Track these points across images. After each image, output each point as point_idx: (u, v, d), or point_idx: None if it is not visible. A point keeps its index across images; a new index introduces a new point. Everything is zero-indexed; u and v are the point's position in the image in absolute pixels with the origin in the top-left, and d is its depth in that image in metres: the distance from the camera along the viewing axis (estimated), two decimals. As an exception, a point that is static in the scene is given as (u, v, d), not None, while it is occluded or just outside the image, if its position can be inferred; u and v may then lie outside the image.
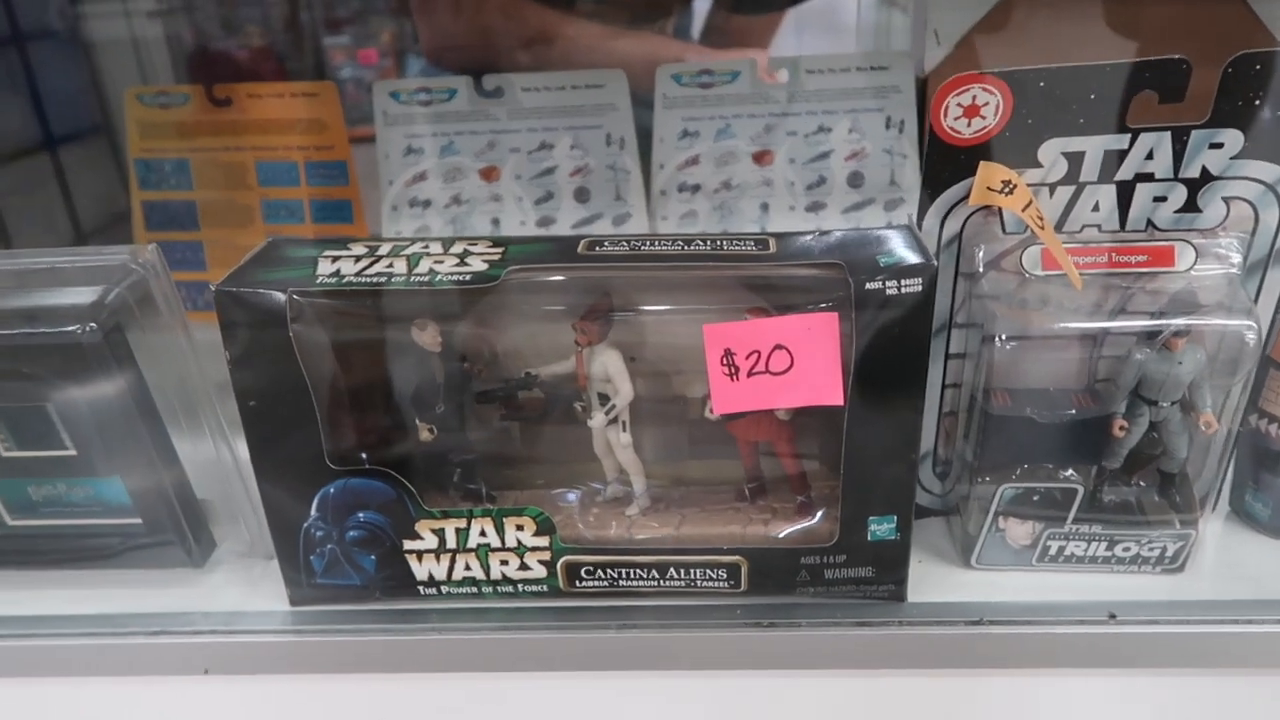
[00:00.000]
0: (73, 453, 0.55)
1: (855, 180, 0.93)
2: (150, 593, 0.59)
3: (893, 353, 0.48)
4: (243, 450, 0.54)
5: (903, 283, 0.47)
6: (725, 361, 0.49)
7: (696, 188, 0.93)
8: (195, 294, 1.01)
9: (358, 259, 0.52)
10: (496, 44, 1.04)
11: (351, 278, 0.50)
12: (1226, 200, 0.50)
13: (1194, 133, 0.48)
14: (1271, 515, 0.59)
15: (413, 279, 0.50)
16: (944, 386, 0.58)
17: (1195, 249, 0.51)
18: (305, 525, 0.55)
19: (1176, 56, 0.46)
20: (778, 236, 0.52)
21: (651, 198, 0.93)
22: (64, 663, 0.57)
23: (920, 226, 0.52)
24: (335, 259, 0.52)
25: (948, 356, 0.56)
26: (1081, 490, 0.54)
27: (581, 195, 0.93)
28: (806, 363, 0.49)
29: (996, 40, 0.84)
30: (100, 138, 1.00)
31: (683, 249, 0.51)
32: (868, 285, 0.47)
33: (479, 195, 0.93)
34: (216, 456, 0.58)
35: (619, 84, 0.90)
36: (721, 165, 0.92)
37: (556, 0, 1.07)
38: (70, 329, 0.50)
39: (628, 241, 0.52)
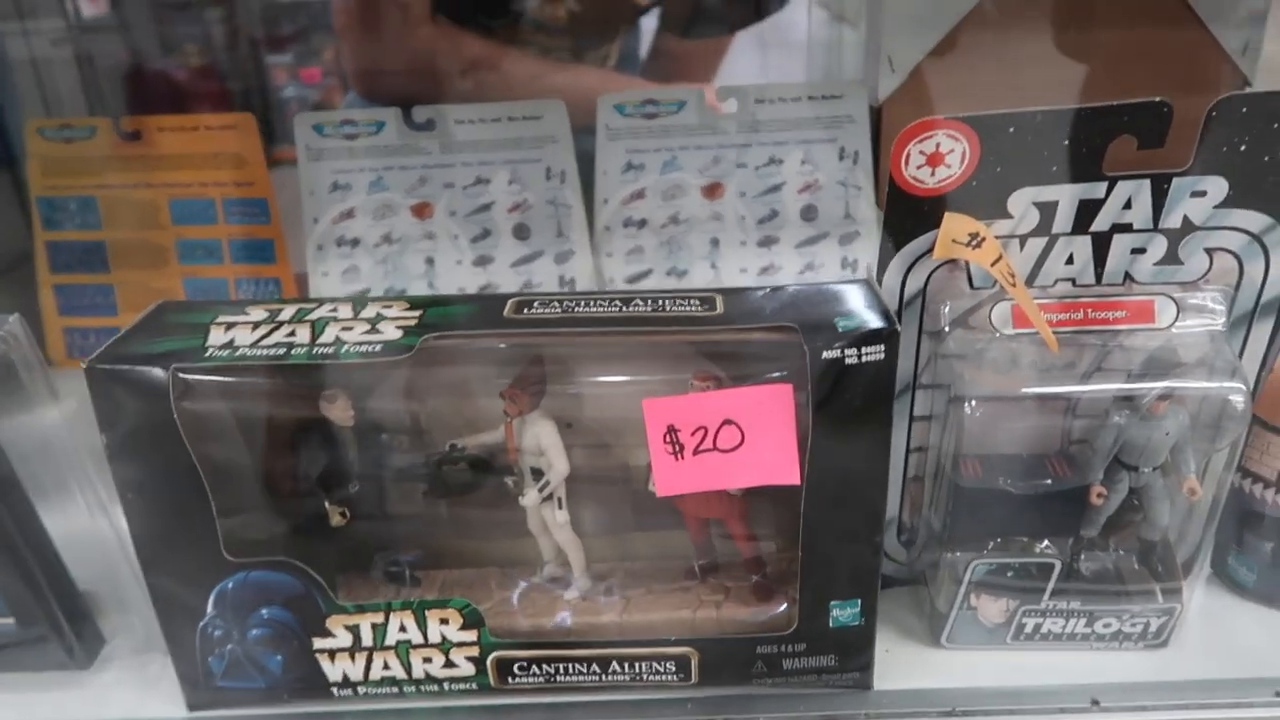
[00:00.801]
0: (-70, 547, 0.48)
1: (809, 214, 0.89)
2: (32, 699, 0.52)
3: (853, 425, 0.44)
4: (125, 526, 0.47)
5: (863, 350, 0.42)
6: (669, 439, 0.44)
7: (643, 222, 0.88)
8: (103, 339, 0.94)
9: (255, 325, 0.46)
10: (428, 73, 0.99)
11: (246, 349, 0.44)
12: (1209, 251, 0.46)
13: (1175, 180, 0.44)
14: (1257, 580, 0.55)
15: (316, 350, 0.44)
16: (908, 450, 0.53)
17: (1176, 304, 0.47)
18: (202, 624, 0.48)
19: (1157, 99, 0.42)
20: (725, 294, 0.48)
21: (595, 233, 0.88)
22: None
23: (880, 281, 0.48)
24: (229, 327, 0.46)
25: (912, 419, 0.52)
26: (1059, 564, 0.50)
27: (521, 232, 0.88)
28: (758, 439, 0.44)
29: (952, 66, 0.81)
30: (0, 172, 0.93)
31: (620, 310, 0.46)
32: (824, 354, 0.42)
33: (411, 233, 0.87)
34: (96, 536, 0.52)
35: (558, 115, 0.85)
36: (669, 199, 0.88)
37: (492, 31, 1.02)
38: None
39: (560, 302, 0.47)
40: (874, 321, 0.43)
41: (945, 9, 0.79)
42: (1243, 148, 0.43)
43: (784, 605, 0.50)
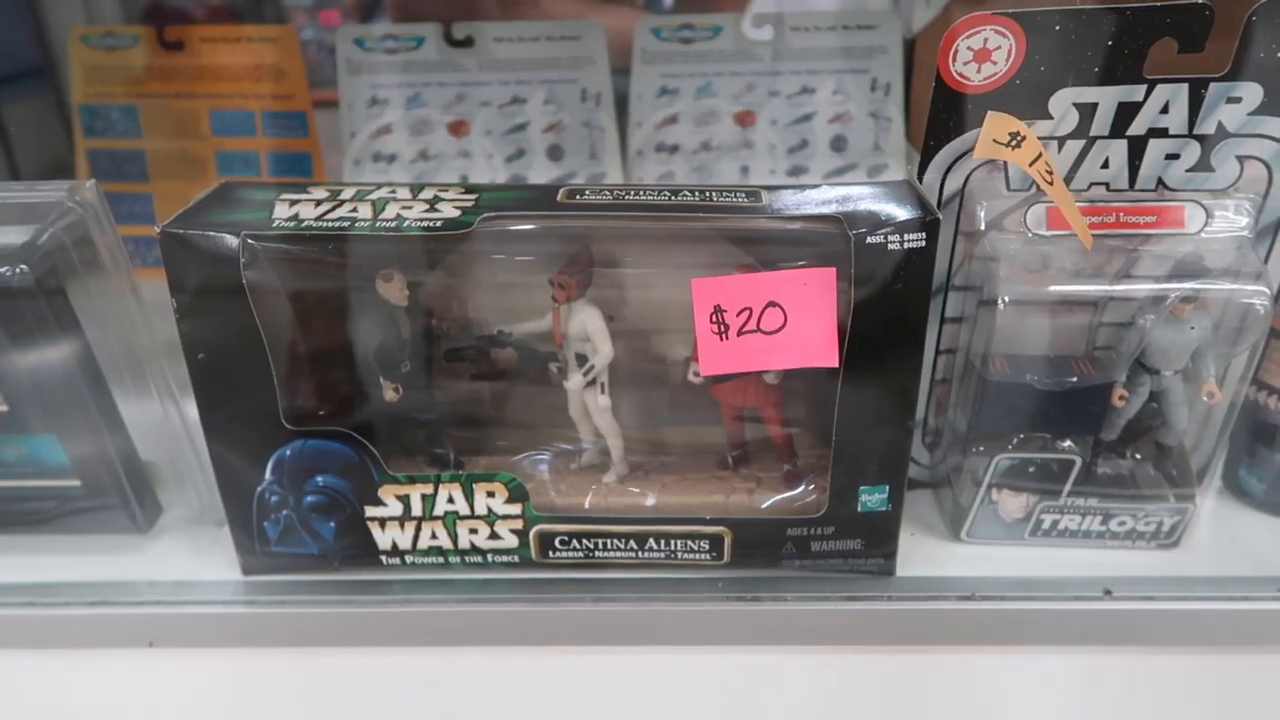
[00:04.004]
0: (4, 408, 0.51)
1: (839, 144, 0.90)
2: (91, 560, 0.55)
3: (892, 312, 0.46)
4: (192, 412, 0.50)
5: (906, 237, 0.44)
6: (715, 319, 0.46)
7: (675, 148, 0.90)
8: (144, 249, 0.95)
9: (318, 203, 0.48)
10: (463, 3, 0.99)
11: (311, 222, 0.46)
12: (1240, 159, 0.48)
13: (1212, 85, 0.46)
14: (1268, 490, 0.57)
15: (378, 225, 0.46)
16: (938, 353, 0.55)
17: (1206, 210, 0.49)
18: (259, 490, 0.51)
19: (1200, 1, 0.43)
20: (769, 189, 0.49)
21: (628, 157, 0.89)
22: (-4, 634, 0.53)
23: (920, 180, 0.49)
24: (293, 203, 0.48)
25: (943, 321, 0.54)
26: (1079, 462, 0.52)
27: (555, 153, 0.89)
28: (801, 321, 0.46)
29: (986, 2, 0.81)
30: (42, 80, 0.94)
31: (669, 199, 0.48)
32: (868, 240, 0.44)
33: (447, 151, 0.89)
34: (164, 417, 0.54)
35: (596, 37, 0.86)
36: (701, 125, 0.89)
37: None
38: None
39: (610, 191, 0.49)
40: (915, 212, 0.44)
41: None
42: (1280, 55, 0.45)
43: (814, 492, 0.52)
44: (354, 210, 0.47)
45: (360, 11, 1.50)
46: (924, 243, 0.44)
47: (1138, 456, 0.54)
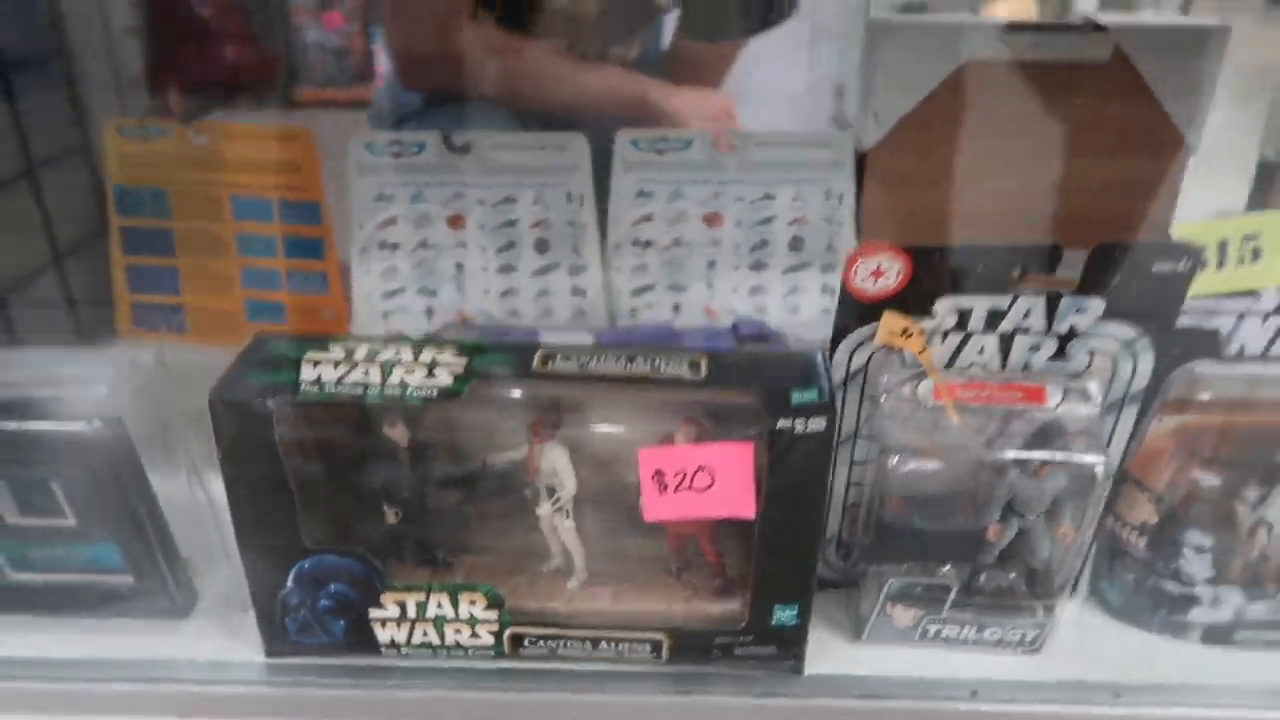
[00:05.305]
0: (72, 523, 0.62)
1: (796, 244, 1.01)
2: (137, 640, 0.66)
3: (798, 475, 0.57)
4: (217, 492, 0.60)
5: (809, 421, 0.55)
6: (656, 479, 0.57)
7: (649, 243, 1.00)
8: (169, 315, 1.06)
9: (336, 364, 0.59)
10: (464, 66, 1.09)
11: (331, 387, 0.57)
12: (1090, 352, 0.58)
13: (1064, 299, 0.56)
14: (1122, 603, 0.68)
15: (386, 391, 0.57)
16: (849, 484, 0.66)
17: (1063, 389, 0.59)
18: (282, 593, 0.62)
19: (1051, 243, 0.54)
20: (711, 356, 0.60)
21: (607, 250, 1.00)
22: (56, 704, 0.64)
23: (831, 356, 0.60)
24: (316, 363, 0.58)
25: (853, 460, 0.65)
26: (957, 585, 0.63)
27: (541, 246, 1.00)
28: (725, 482, 0.57)
29: (928, 123, 0.92)
30: (80, 163, 1.04)
31: (625, 368, 0.58)
32: (780, 423, 0.55)
33: (445, 241, 1.00)
34: (192, 500, 0.65)
35: (580, 146, 0.96)
36: (673, 224, 1.00)
37: (525, 26, 1.11)
38: (78, 426, 0.56)
39: (577, 358, 0.59)
40: (818, 398, 0.55)
41: (925, 77, 0.91)
42: (1116, 279, 0.55)
43: (739, 604, 0.63)
44: (366, 374, 0.58)
45: (363, 19, 1.58)
46: (823, 427, 0.55)
47: (1011, 576, 0.66)
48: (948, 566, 0.64)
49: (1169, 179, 0.97)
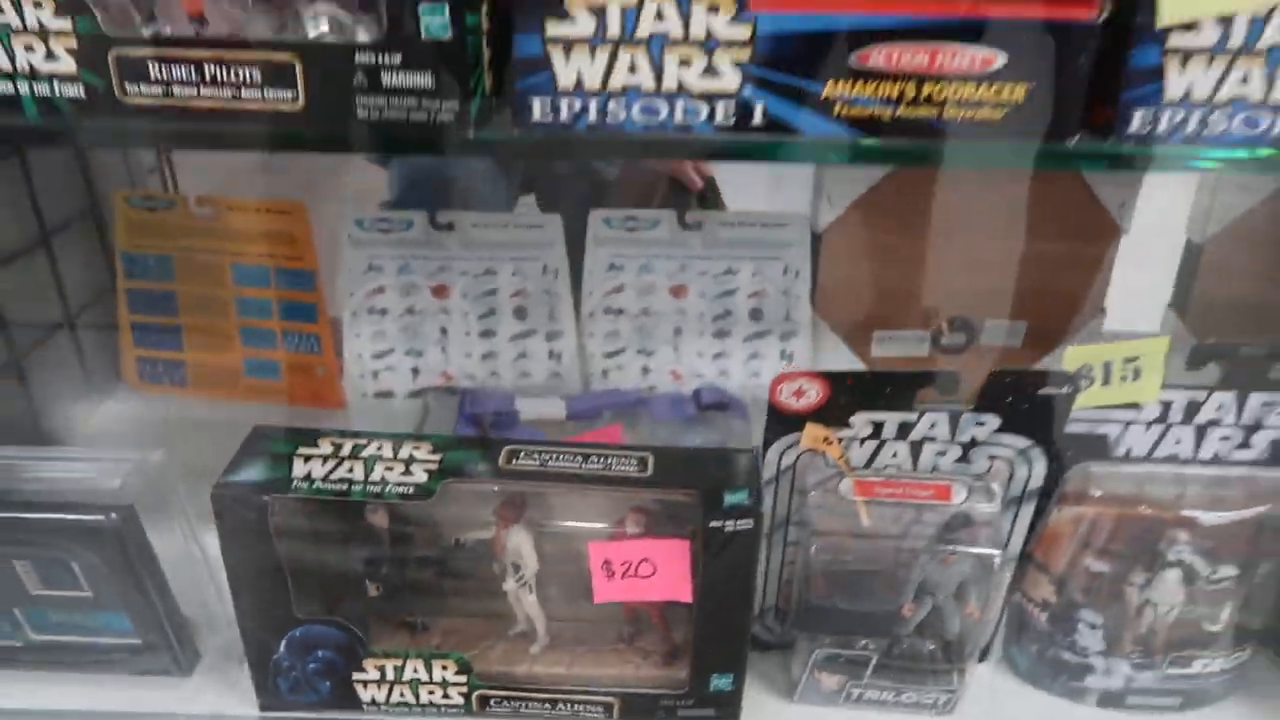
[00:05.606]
0: (89, 595, 0.69)
1: (756, 315, 1.09)
2: (142, 695, 0.74)
3: (729, 566, 0.64)
4: (211, 547, 0.67)
5: (739, 521, 0.63)
6: (604, 568, 0.65)
7: (620, 311, 1.08)
8: (172, 370, 1.14)
9: (325, 460, 0.66)
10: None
11: (320, 483, 0.65)
12: (991, 457, 0.66)
13: (964, 415, 0.64)
14: (1028, 668, 0.76)
15: (368, 488, 0.65)
16: (784, 561, 0.74)
17: (968, 488, 0.67)
18: (275, 657, 0.70)
19: (951, 370, 0.62)
20: (657, 454, 0.68)
21: (581, 318, 1.08)
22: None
23: (764, 456, 0.68)
24: (308, 459, 0.66)
25: (786, 542, 0.72)
26: (876, 656, 0.71)
27: (520, 314, 1.08)
28: (665, 572, 0.64)
29: (878, 205, 1.00)
30: (90, 230, 1.12)
31: (579, 467, 0.66)
32: (712, 524, 0.63)
33: (430, 308, 1.07)
34: (187, 554, 0.72)
35: (555, 224, 1.04)
36: (642, 295, 1.08)
37: None
38: (97, 517, 0.64)
39: (538, 456, 0.67)
40: (747, 500, 0.63)
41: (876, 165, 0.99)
42: (1009, 398, 0.63)
43: (683, 670, 0.71)
44: (350, 471, 0.66)
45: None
46: (750, 525, 0.63)
47: (929, 646, 0.73)
48: (867, 640, 0.72)
49: (1103, 259, 1.05)
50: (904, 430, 0.66)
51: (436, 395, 1.04)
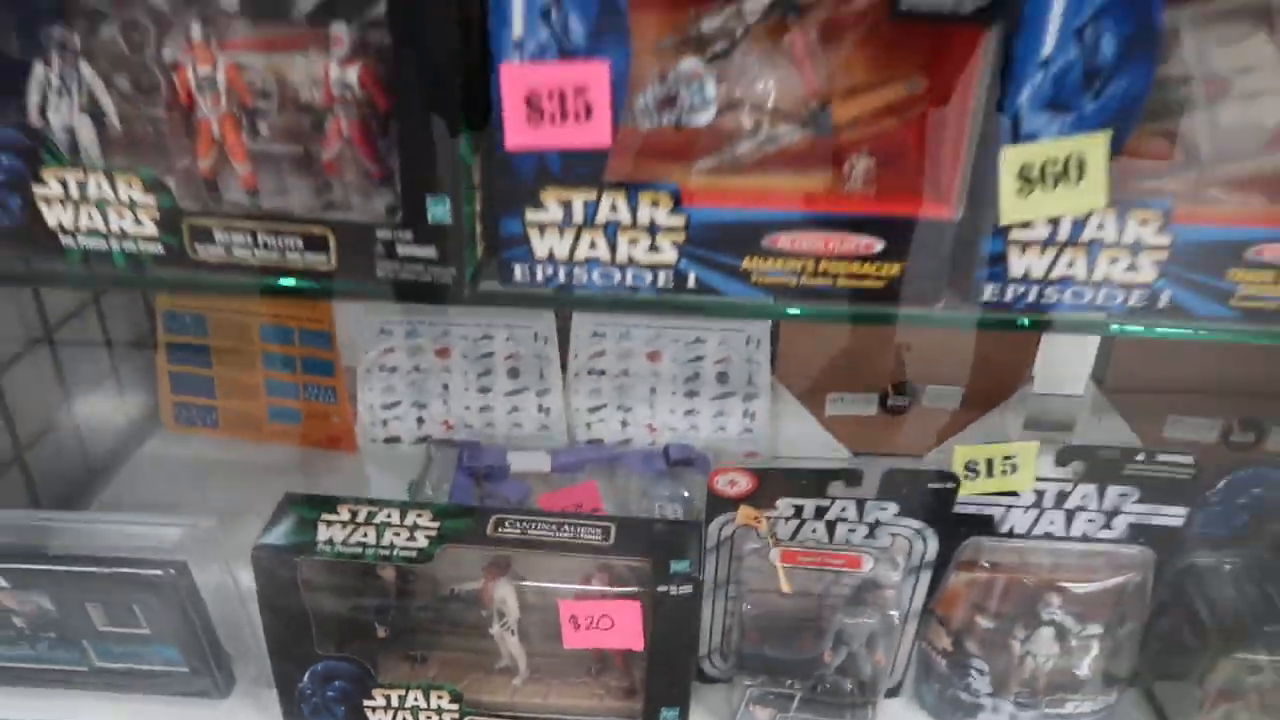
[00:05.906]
0: (146, 631, 0.84)
1: (722, 378, 1.23)
2: (188, 712, 0.88)
3: (675, 623, 0.79)
4: (245, 581, 0.81)
5: (682, 587, 0.77)
6: (571, 621, 0.79)
7: (602, 373, 1.22)
8: (204, 414, 1.28)
9: (344, 524, 0.81)
10: None
11: (339, 546, 0.79)
12: (893, 534, 0.80)
13: (869, 503, 0.78)
14: (932, 704, 0.90)
15: (379, 551, 0.79)
16: (726, 610, 0.88)
17: (875, 558, 0.81)
18: (300, 685, 0.84)
19: (852, 468, 0.76)
20: (619, 524, 0.82)
21: (567, 378, 1.22)
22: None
23: (707, 528, 0.82)
24: (330, 524, 0.81)
25: (727, 598, 0.87)
26: (800, 693, 0.85)
27: (513, 373, 1.22)
28: (620, 625, 0.79)
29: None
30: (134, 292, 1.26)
31: (552, 534, 0.81)
32: (659, 588, 0.77)
33: (433, 368, 1.22)
34: (226, 595, 0.86)
35: (545, 298, 1.18)
36: (622, 359, 1.22)
37: None
38: (156, 571, 0.78)
39: (520, 523, 0.81)
40: (689, 570, 0.77)
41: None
42: (904, 490, 0.77)
43: (639, 704, 0.85)
44: (365, 536, 0.80)
45: None
46: (690, 591, 0.77)
47: (848, 685, 0.88)
48: (793, 680, 0.86)
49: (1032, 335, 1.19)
50: (820, 513, 0.80)
51: (439, 446, 1.17)
